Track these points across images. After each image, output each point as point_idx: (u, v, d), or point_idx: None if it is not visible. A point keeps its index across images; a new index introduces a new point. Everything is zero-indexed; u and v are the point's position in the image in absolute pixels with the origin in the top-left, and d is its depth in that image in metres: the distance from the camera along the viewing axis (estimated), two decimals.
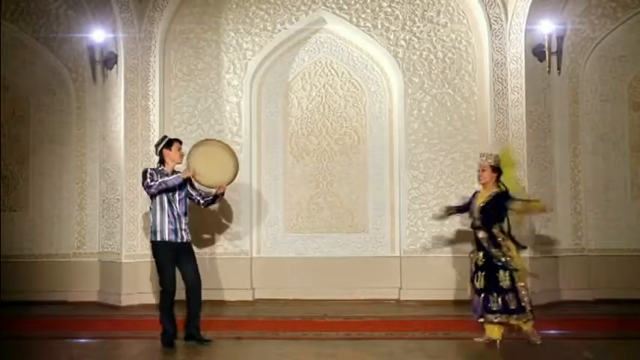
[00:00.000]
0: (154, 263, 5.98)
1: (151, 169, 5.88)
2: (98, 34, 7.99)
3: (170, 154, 5.86)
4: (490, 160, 5.76)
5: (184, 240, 5.79)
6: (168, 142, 5.92)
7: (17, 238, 8.43)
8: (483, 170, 5.74)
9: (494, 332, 5.66)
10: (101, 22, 8.04)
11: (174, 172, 5.84)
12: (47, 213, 8.50)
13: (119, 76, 8.04)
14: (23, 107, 8.60)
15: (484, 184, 5.78)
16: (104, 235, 8.24)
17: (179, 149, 5.90)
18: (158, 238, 5.73)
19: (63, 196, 8.48)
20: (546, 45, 7.72)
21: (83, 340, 6.29)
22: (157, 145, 6.00)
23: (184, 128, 8.33)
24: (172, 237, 5.71)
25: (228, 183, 5.98)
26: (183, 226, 5.78)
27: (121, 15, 7.91)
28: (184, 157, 5.91)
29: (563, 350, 5.55)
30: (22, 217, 8.50)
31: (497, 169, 5.73)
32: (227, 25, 8.39)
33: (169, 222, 5.71)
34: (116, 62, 8.04)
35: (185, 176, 5.75)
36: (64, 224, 8.46)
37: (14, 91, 8.58)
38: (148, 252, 7.89)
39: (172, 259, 5.74)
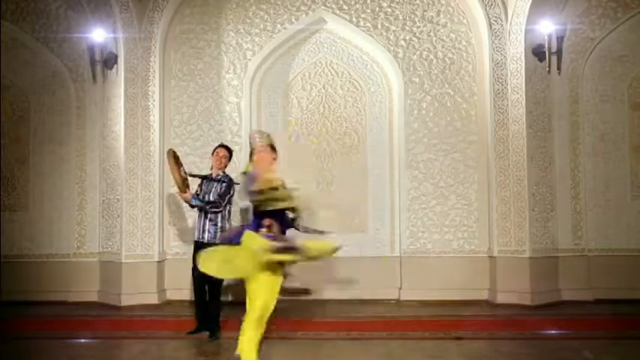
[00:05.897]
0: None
1: (201, 177, 6.49)
2: (98, 34, 7.99)
3: (213, 159, 6.49)
4: (267, 140, 4.63)
5: (205, 240, 6.18)
6: (214, 148, 6.57)
7: (17, 238, 8.43)
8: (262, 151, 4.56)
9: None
10: (101, 22, 8.04)
11: (218, 175, 6.40)
12: (47, 213, 8.50)
13: (119, 76, 8.04)
14: (23, 107, 8.61)
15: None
16: (104, 235, 8.24)
17: (218, 154, 6.44)
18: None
19: (63, 196, 8.48)
20: (546, 45, 7.72)
21: (83, 340, 6.29)
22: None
23: (184, 128, 8.35)
24: (198, 237, 6.31)
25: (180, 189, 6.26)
26: (207, 228, 6.26)
27: (121, 15, 7.92)
28: (226, 161, 6.44)
29: (563, 350, 5.55)
30: (22, 217, 8.50)
31: (274, 149, 4.65)
32: (227, 25, 8.40)
33: (198, 222, 6.35)
34: (116, 62, 8.04)
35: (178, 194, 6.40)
36: (64, 224, 8.45)
37: (14, 91, 8.59)
38: (148, 252, 7.96)
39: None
